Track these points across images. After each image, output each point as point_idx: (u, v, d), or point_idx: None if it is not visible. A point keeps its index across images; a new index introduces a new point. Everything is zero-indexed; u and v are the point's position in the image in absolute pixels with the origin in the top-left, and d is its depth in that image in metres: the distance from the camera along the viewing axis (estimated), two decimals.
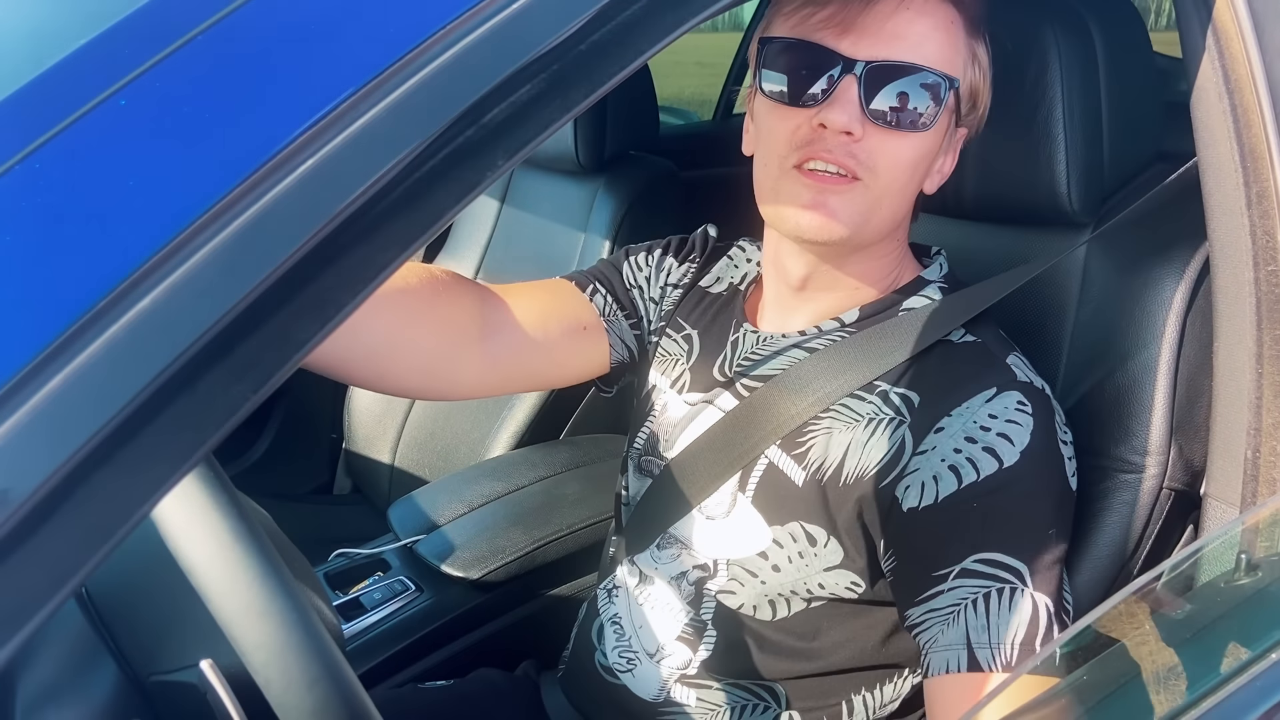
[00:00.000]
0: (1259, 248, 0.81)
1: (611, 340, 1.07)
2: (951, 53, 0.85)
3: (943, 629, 0.81)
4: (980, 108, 0.91)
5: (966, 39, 0.86)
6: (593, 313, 1.06)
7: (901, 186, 0.87)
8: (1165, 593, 0.72)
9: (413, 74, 0.44)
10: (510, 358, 1.01)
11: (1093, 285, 1.03)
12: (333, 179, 0.41)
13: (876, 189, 0.85)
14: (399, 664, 1.33)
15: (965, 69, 0.87)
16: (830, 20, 0.83)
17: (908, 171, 0.86)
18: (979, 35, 0.88)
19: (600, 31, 0.50)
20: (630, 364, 1.10)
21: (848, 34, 0.82)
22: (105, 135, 0.39)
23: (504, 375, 1.02)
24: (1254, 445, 0.81)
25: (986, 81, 0.90)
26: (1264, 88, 0.81)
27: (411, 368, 0.96)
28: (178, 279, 0.37)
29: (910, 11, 0.83)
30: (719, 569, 0.95)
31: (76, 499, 0.35)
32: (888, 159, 0.84)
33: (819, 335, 0.95)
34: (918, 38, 0.83)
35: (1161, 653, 0.69)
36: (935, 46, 0.84)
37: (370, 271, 0.42)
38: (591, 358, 1.07)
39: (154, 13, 0.42)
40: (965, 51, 0.86)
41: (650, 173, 1.89)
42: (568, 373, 1.09)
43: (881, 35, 0.82)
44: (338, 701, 0.59)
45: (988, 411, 0.84)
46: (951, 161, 0.92)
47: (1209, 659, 0.70)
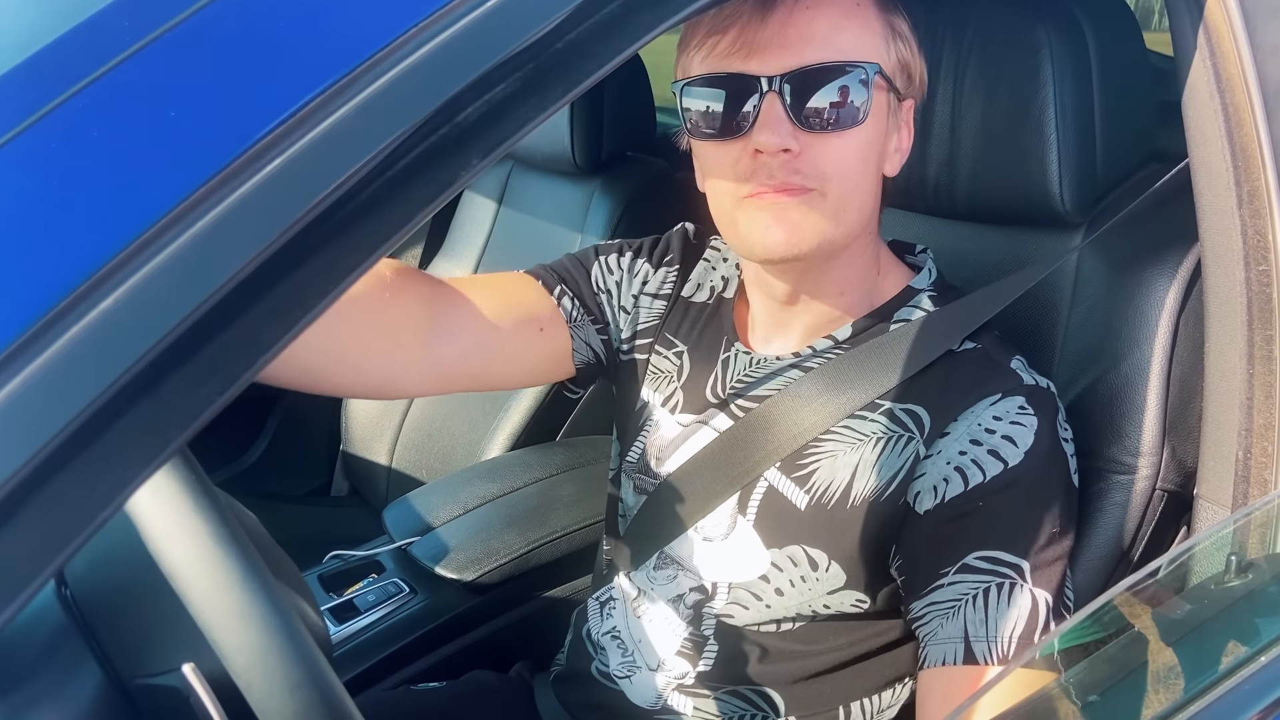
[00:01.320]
0: (1250, 247, 0.80)
1: (575, 343, 1.04)
2: (868, 36, 0.83)
3: (942, 622, 0.82)
4: (917, 78, 0.89)
5: (880, 15, 0.84)
6: (555, 312, 1.03)
7: (857, 183, 0.85)
8: (1156, 593, 0.72)
9: (385, 71, 0.44)
10: (457, 358, 0.98)
11: (1085, 286, 1.02)
12: (302, 177, 0.41)
13: (833, 194, 0.84)
14: (392, 666, 1.33)
15: (887, 45, 0.85)
16: (735, 44, 0.81)
17: (858, 167, 0.85)
18: (893, 8, 0.86)
19: (578, 29, 0.49)
20: (598, 366, 1.07)
21: (755, 53, 0.81)
22: (68, 135, 0.39)
23: (448, 375, 0.99)
24: (1245, 446, 0.81)
25: (914, 49, 0.87)
26: (1255, 86, 0.80)
27: (354, 368, 0.93)
28: (139, 280, 0.36)
29: (809, 10, 0.81)
30: (718, 591, 0.94)
31: (35, 503, 0.35)
32: (833, 162, 0.83)
33: (814, 355, 0.94)
34: (826, 33, 0.81)
35: (1153, 653, 0.68)
36: (848, 36, 0.82)
37: (340, 272, 0.41)
38: (550, 358, 1.04)
39: (120, 9, 0.41)
40: (882, 29, 0.84)
41: (646, 173, 1.88)
42: (521, 373, 1.06)
43: (788, 44, 0.80)
44: (320, 705, 0.59)
45: (992, 414, 0.84)
46: (907, 137, 0.90)
47: (1200, 660, 0.70)
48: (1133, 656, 0.66)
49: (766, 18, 0.80)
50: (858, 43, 0.82)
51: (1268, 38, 0.80)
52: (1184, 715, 0.62)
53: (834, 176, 0.83)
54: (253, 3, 0.43)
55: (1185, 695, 0.64)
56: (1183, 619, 0.70)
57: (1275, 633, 0.68)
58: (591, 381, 1.10)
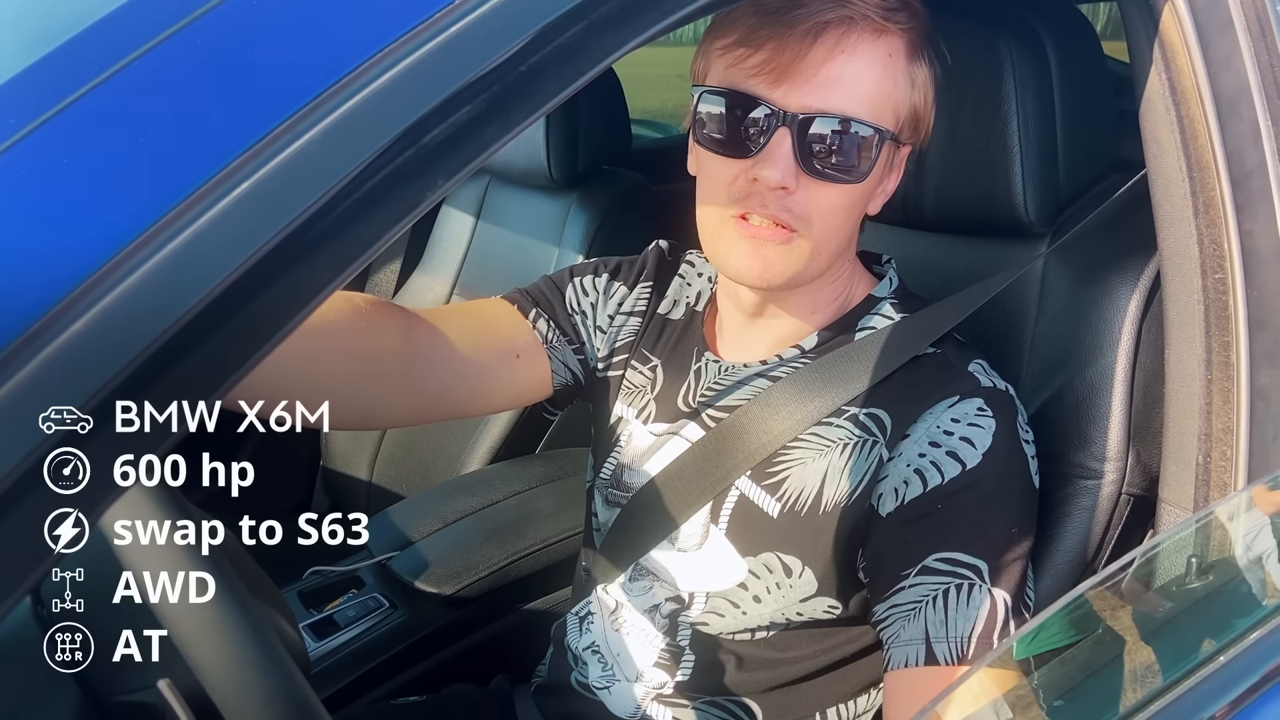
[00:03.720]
0: (1206, 256, 0.82)
1: (554, 365, 1.05)
2: (889, 89, 0.84)
3: (904, 624, 0.83)
4: (923, 127, 0.89)
5: (906, 66, 0.85)
6: (531, 337, 1.03)
7: (838, 230, 0.87)
8: (1118, 595, 0.73)
9: (351, 96, 0.45)
10: (436, 388, 0.98)
11: (1051, 294, 1.04)
12: (270, 200, 0.42)
13: (812, 238, 0.85)
14: (373, 681, 1.33)
15: (905, 97, 0.85)
16: (764, 67, 0.81)
17: (844, 215, 0.86)
18: (919, 57, 0.86)
19: (540, 53, 0.50)
20: (576, 387, 1.08)
21: (781, 83, 0.81)
22: (39, 161, 0.39)
23: (429, 406, 0.99)
24: (1205, 450, 0.83)
25: (928, 99, 0.88)
26: (1209, 98, 0.82)
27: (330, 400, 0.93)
28: (108, 304, 0.37)
29: (845, 54, 0.81)
30: (695, 601, 0.95)
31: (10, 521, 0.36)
32: (821, 209, 0.84)
33: (781, 364, 0.95)
34: (852, 81, 0.81)
35: (1114, 655, 0.70)
36: (870, 87, 0.82)
37: (307, 293, 0.42)
38: (528, 383, 1.04)
39: (91, 37, 0.42)
40: (904, 81, 0.85)
41: (623, 187, 1.90)
42: (502, 400, 1.07)
43: (815, 83, 0.81)
44: (295, 718, 0.59)
45: (950, 416, 0.85)
46: (895, 180, 0.91)
47: (1161, 660, 0.71)
48: (1094, 658, 0.68)
49: (802, 49, 0.80)
50: (878, 95, 0.83)
51: (1220, 51, 0.82)
52: (1144, 715, 0.64)
53: (819, 223, 0.84)
54: (221, 29, 0.44)
55: (1146, 694, 0.66)
56: (1144, 620, 0.71)
57: (1234, 632, 0.70)
58: (569, 402, 1.11)
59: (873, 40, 0.82)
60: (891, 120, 0.85)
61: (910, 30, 0.84)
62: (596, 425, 1.08)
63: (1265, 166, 0.80)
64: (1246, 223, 0.81)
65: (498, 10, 0.48)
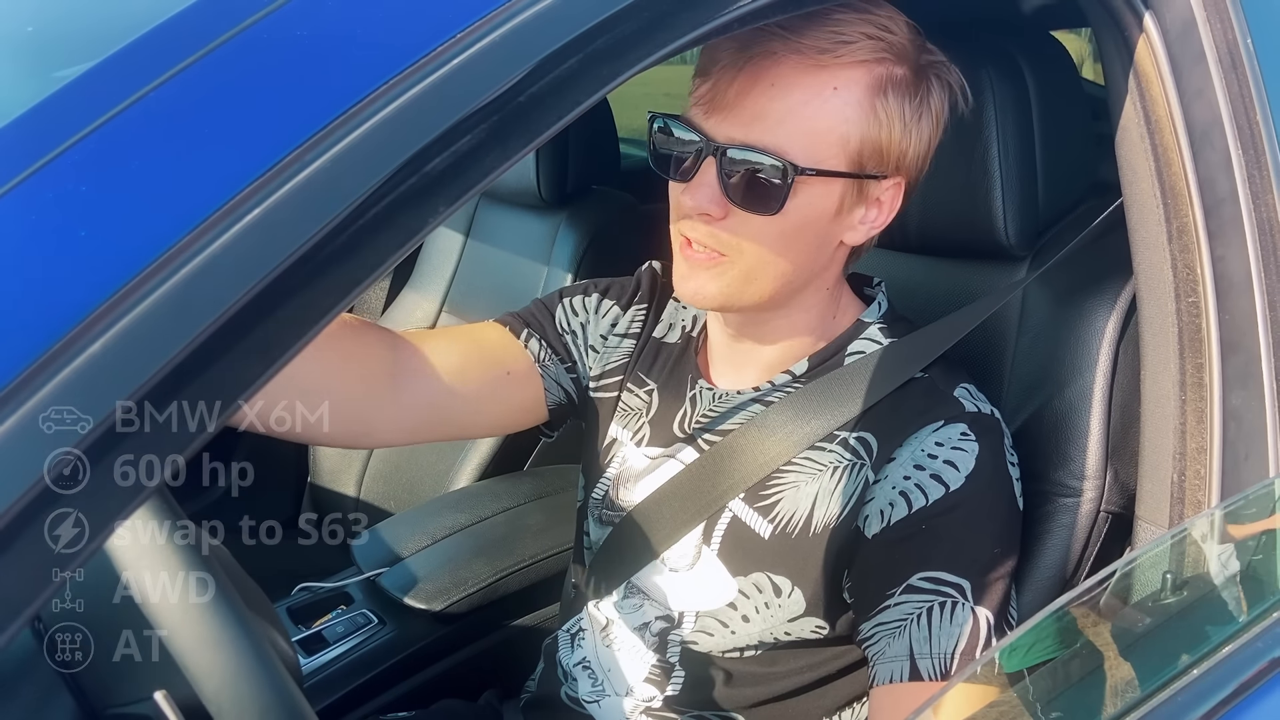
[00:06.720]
0: (1180, 280, 0.84)
1: (547, 385, 1.05)
2: (832, 122, 0.82)
3: (889, 641, 0.84)
4: (899, 160, 0.86)
5: (865, 99, 0.82)
6: (524, 359, 1.04)
7: (773, 259, 0.86)
8: (1095, 610, 0.75)
9: (358, 126, 0.47)
10: (425, 406, 0.98)
11: (1031, 316, 1.07)
12: (278, 227, 0.43)
13: (743, 265, 0.86)
14: (362, 697, 1.33)
15: (857, 130, 0.82)
16: (703, 98, 0.83)
17: (777, 245, 0.85)
18: (893, 90, 0.83)
19: (538, 84, 0.53)
20: (570, 406, 1.08)
21: (714, 113, 0.83)
22: (60, 190, 0.41)
23: (422, 422, 0.99)
24: (1179, 469, 0.85)
25: (907, 132, 0.85)
26: (1182, 128, 0.85)
27: (321, 416, 0.92)
28: (128, 323, 0.39)
29: (776, 88, 0.81)
30: (685, 620, 0.97)
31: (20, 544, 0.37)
32: (749, 238, 0.85)
33: (773, 390, 0.96)
34: (779, 115, 0.81)
35: (1090, 669, 0.71)
36: (796, 123, 0.81)
37: (313, 316, 0.44)
38: (521, 405, 1.05)
39: (107, 71, 0.44)
40: (857, 114, 0.82)
41: (612, 206, 1.92)
42: (497, 419, 1.08)
43: (742, 115, 0.82)
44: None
45: (935, 440, 0.87)
46: (882, 212, 0.89)
47: (1136, 675, 0.73)
48: (1071, 672, 0.69)
49: (736, 81, 0.81)
50: (814, 129, 0.82)
51: (1192, 83, 0.84)
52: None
53: (747, 251, 0.86)
54: (235, 62, 0.46)
55: (1123, 706, 0.67)
56: (1119, 635, 0.73)
57: (1208, 645, 0.72)
58: (563, 422, 1.11)
59: (811, 74, 0.81)
60: (835, 154, 0.83)
61: (876, 63, 0.82)
62: (588, 445, 1.09)
63: (1236, 194, 0.83)
64: (1219, 248, 0.83)
65: (497, 44, 0.51)
